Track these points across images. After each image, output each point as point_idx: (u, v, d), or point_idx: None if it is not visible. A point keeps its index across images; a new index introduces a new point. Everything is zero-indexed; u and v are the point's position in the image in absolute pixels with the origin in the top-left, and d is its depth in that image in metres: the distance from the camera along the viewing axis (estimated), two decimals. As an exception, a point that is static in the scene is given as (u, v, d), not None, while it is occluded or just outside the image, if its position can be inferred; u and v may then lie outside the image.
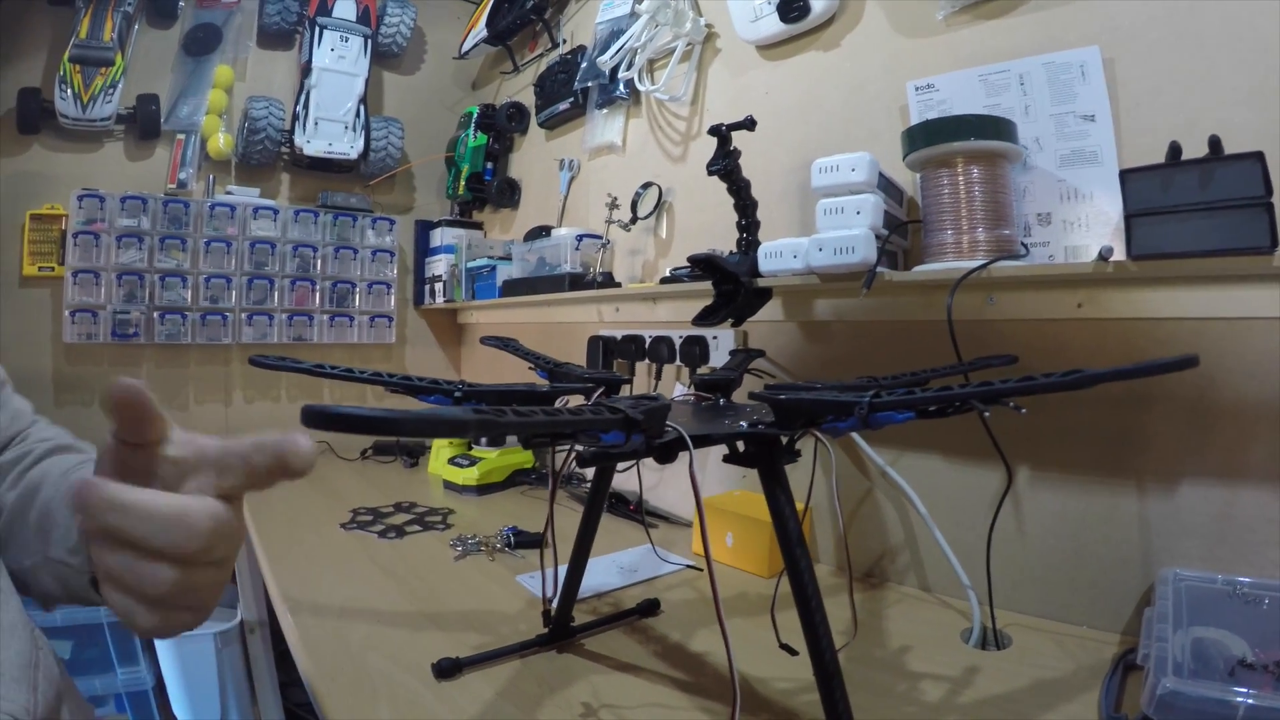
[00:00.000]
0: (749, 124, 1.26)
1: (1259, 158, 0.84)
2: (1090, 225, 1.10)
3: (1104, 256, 0.96)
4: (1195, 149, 0.89)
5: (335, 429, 0.30)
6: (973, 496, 1.18)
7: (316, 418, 0.30)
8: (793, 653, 0.87)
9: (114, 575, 0.47)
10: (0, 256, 2.19)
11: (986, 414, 0.54)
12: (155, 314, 2.32)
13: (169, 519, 0.45)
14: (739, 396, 1.10)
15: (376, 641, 1.05)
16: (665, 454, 0.63)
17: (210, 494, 0.48)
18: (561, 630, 1.05)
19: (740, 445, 0.77)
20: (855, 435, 1.28)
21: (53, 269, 2.22)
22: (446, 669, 0.94)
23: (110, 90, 2.21)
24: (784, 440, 0.73)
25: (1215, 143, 0.87)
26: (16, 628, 0.58)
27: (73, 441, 0.79)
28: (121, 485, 0.46)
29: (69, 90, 2.17)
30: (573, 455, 0.65)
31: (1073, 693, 0.90)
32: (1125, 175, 0.94)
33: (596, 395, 0.92)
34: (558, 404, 0.82)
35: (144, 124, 2.32)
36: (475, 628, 1.10)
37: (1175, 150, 0.90)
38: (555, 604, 1.03)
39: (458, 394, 0.76)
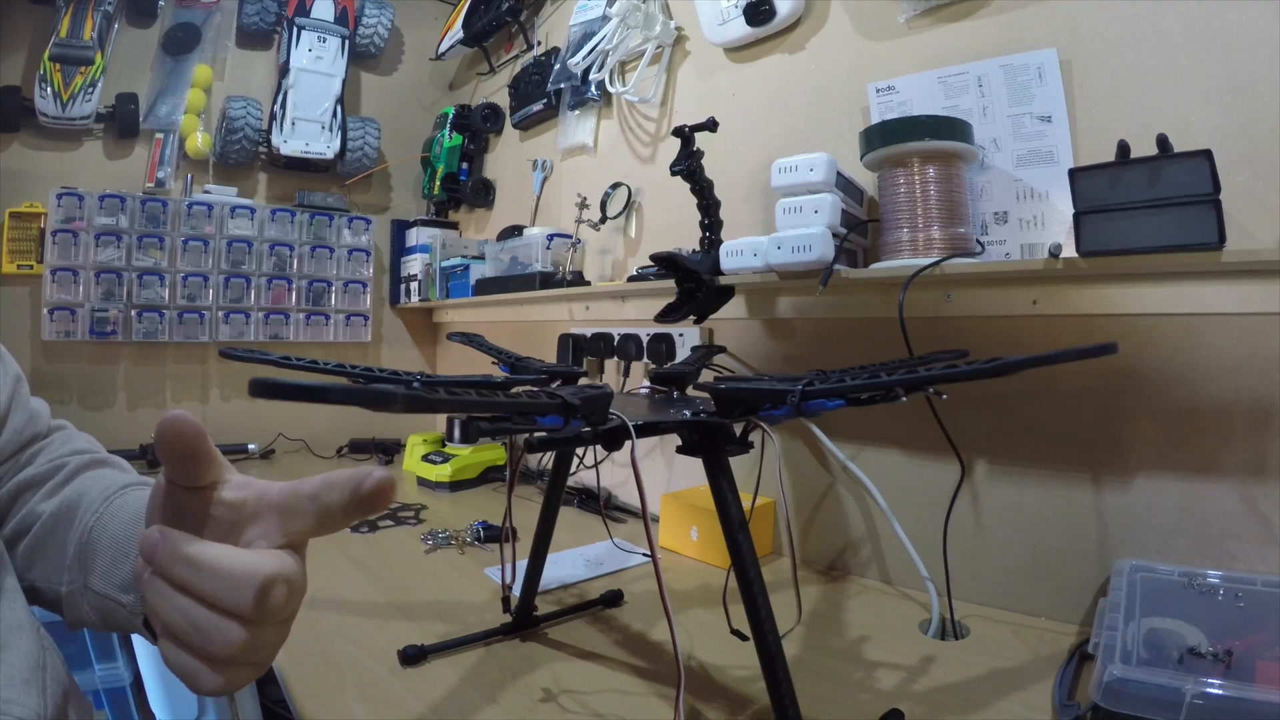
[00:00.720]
0: (711, 125, 1.28)
1: (1207, 155, 0.86)
2: (1046, 224, 1.13)
3: (1054, 254, 0.98)
4: (1150, 149, 0.91)
5: (278, 397, 0.32)
6: (933, 490, 1.20)
7: (263, 387, 0.33)
8: (743, 638, 0.89)
9: (177, 632, 0.44)
10: (-22, 254, 2.18)
11: (904, 399, 0.56)
12: (133, 312, 2.31)
13: (243, 578, 0.43)
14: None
15: (345, 630, 1.07)
16: (610, 441, 0.65)
17: (277, 541, 0.46)
18: (525, 620, 1.07)
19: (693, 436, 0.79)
20: (816, 429, 1.30)
21: (31, 267, 2.21)
22: (412, 656, 0.96)
23: (90, 89, 2.21)
24: (734, 430, 0.75)
25: (1163, 141, 0.89)
26: (24, 628, 0.57)
27: (106, 455, 0.76)
28: (192, 539, 0.44)
29: (49, 89, 2.16)
30: (537, 457, 0.67)
31: (1027, 681, 0.92)
32: (1074, 173, 0.96)
33: (554, 386, 0.94)
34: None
35: (123, 123, 2.32)
36: (442, 618, 1.12)
37: (1124, 149, 0.92)
38: (518, 593, 1.05)
39: (415, 384, 0.78)
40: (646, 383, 1.55)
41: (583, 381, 0.96)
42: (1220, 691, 0.67)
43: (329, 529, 0.46)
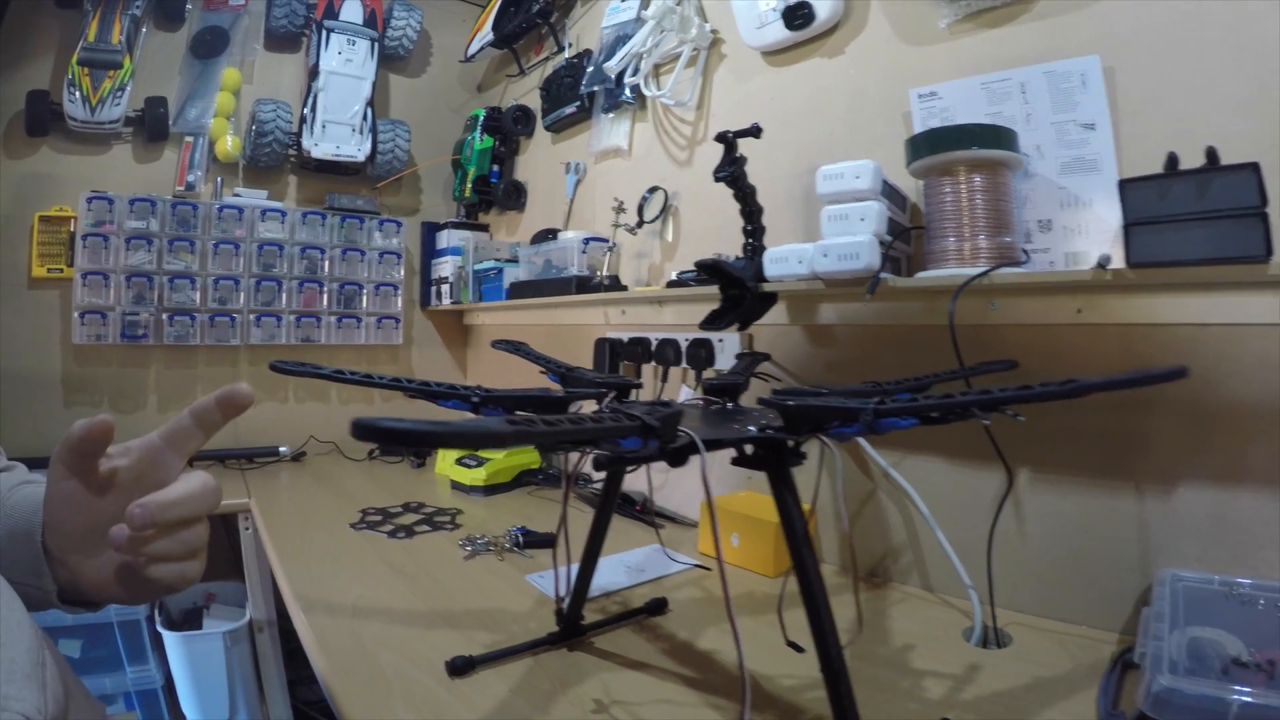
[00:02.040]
0: (755, 131, 1.27)
1: (1254, 168, 0.85)
2: (1090, 231, 1.12)
3: (1103, 265, 0.97)
4: (1193, 156, 0.91)
5: (381, 441, 0.32)
6: (974, 497, 1.19)
7: (364, 430, 0.33)
8: (799, 650, 0.89)
9: (163, 555, 0.60)
10: (9, 258, 2.21)
11: (986, 421, 0.56)
12: (164, 315, 2.34)
13: (206, 493, 0.63)
14: (745, 398, 1.12)
15: (390, 640, 1.07)
16: (677, 458, 0.65)
17: (181, 466, 0.65)
18: (572, 628, 1.07)
19: (748, 448, 0.79)
20: (859, 438, 1.30)
21: (61, 270, 2.23)
22: (460, 667, 0.96)
23: (118, 93, 2.24)
24: (791, 444, 0.75)
25: (1212, 153, 0.89)
26: (23, 625, 0.58)
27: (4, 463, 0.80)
28: (162, 492, 0.60)
29: (77, 93, 2.19)
30: (582, 459, 0.67)
31: (1072, 690, 0.91)
32: (1124, 185, 0.96)
33: (608, 399, 0.94)
34: (571, 409, 0.84)
35: (152, 126, 2.34)
36: (486, 626, 1.12)
37: (1173, 160, 0.92)
38: (566, 603, 1.05)
39: (475, 399, 0.78)
40: (686, 390, 1.56)
41: (642, 396, 0.96)
42: (1265, 702, 0.68)
43: (212, 431, 0.66)
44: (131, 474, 0.63)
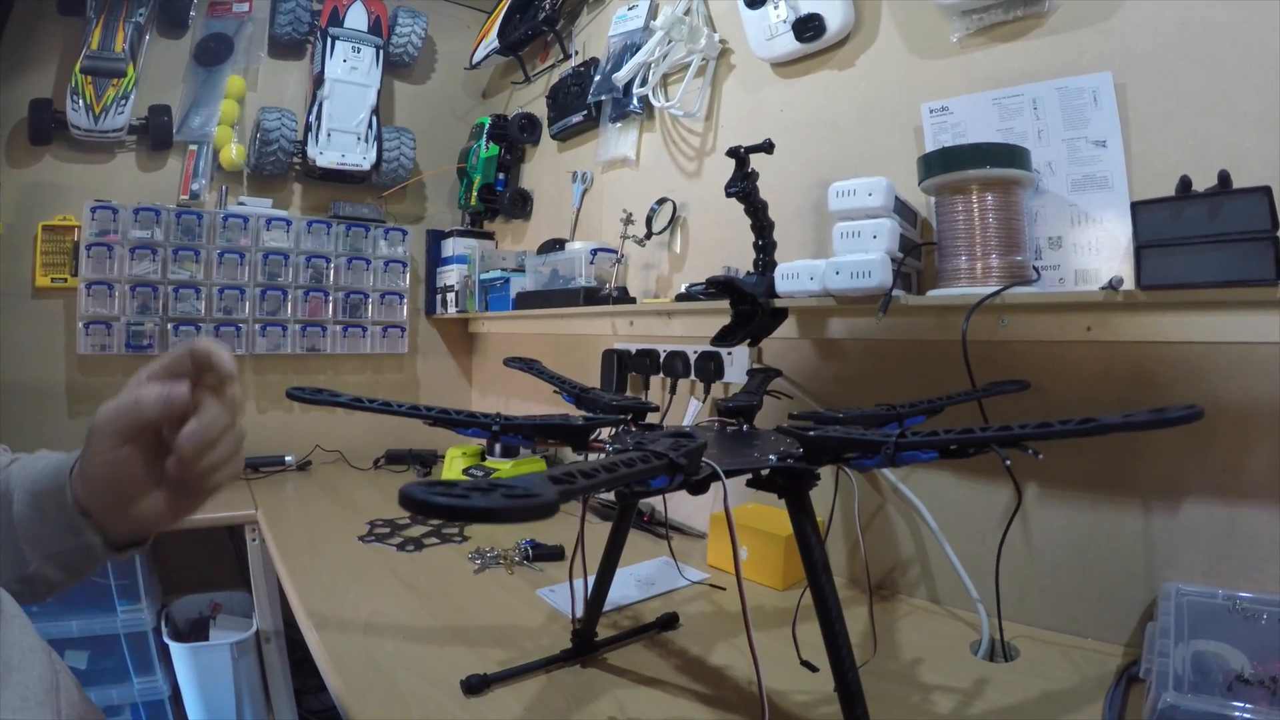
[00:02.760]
0: (768, 147, 1.27)
1: (1266, 192, 0.86)
2: (1100, 249, 1.12)
3: (1114, 286, 0.98)
4: (1205, 173, 0.91)
5: (436, 517, 0.32)
6: (981, 511, 1.20)
7: (414, 504, 0.33)
8: (813, 669, 0.90)
9: (216, 463, 0.64)
10: (13, 268, 2.20)
11: (1008, 462, 0.57)
12: (169, 325, 2.33)
13: (229, 403, 0.66)
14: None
15: (404, 658, 1.07)
16: (699, 487, 0.66)
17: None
18: (585, 645, 1.07)
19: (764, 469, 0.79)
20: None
21: (65, 280, 2.23)
22: (475, 685, 0.96)
23: (122, 101, 2.23)
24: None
25: (1225, 177, 0.89)
26: (36, 650, 0.59)
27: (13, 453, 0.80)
28: (196, 417, 0.63)
29: (81, 101, 2.18)
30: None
31: (1078, 704, 0.92)
32: (1136, 207, 0.96)
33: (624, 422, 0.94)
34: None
35: (156, 135, 2.33)
36: (500, 643, 1.12)
37: (1185, 183, 0.92)
38: (580, 621, 1.06)
39: (495, 428, 0.78)
40: (695, 404, 1.56)
41: (663, 420, 0.97)
42: (1268, 719, 0.70)
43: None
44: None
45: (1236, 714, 0.70)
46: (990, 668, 1.05)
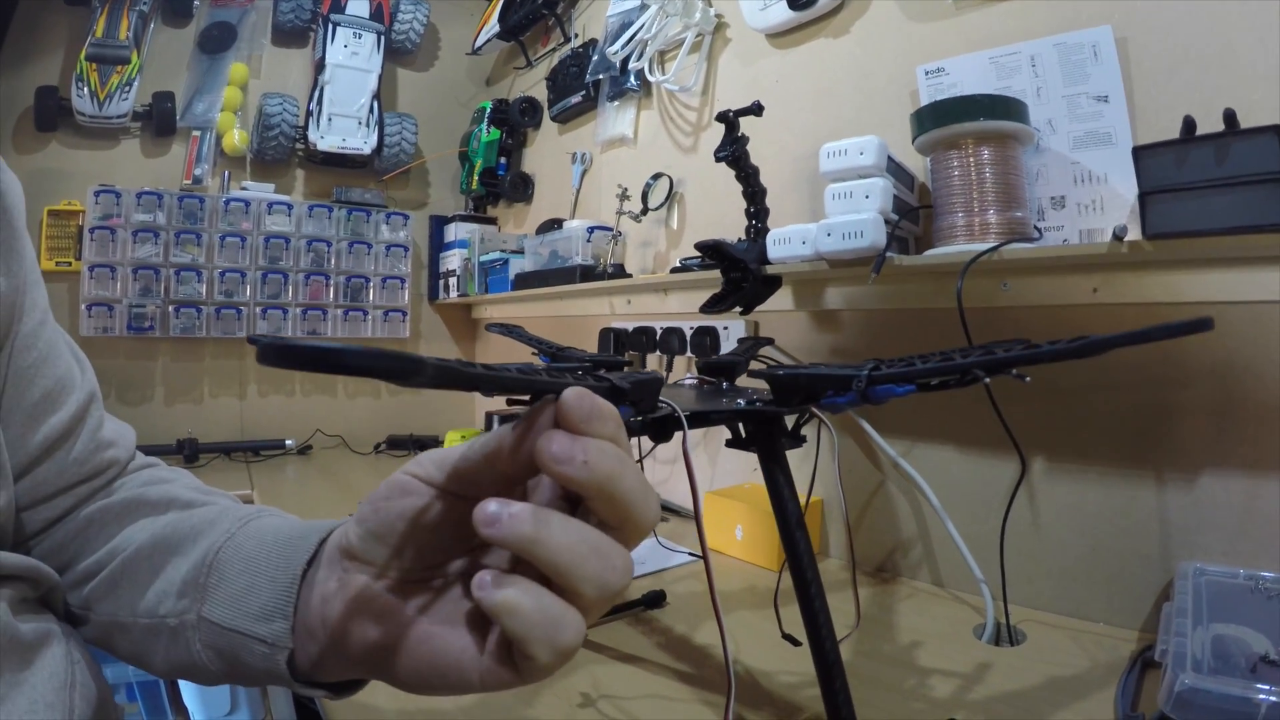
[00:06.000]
0: (756, 109, 1.24)
1: (1275, 131, 0.81)
2: (1105, 208, 1.08)
3: (1119, 236, 0.93)
4: (1211, 127, 0.86)
5: (288, 365, 0.27)
6: (987, 489, 1.15)
7: (271, 353, 0.27)
8: (795, 643, 0.85)
9: (566, 562, 0.33)
10: (19, 252, 2.20)
11: (987, 380, 0.52)
12: (170, 308, 2.33)
13: (646, 486, 0.36)
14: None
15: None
16: (659, 432, 0.61)
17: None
18: (564, 621, 1.03)
19: (742, 430, 0.75)
20: (866, 425, 1.26)
21: (70, 264, 2.24)
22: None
23: (126, 88, 2.24)
24: (786, 421, 0.71)
25: (1230, 116, 0.84)
26: (47, 644, 0.52)
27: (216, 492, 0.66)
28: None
29: (85, 88, 2.19)
30: None
31: (1088, 690, 0.87)
32: (1138, 152, 0.91)
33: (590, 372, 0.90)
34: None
35: (160, 121, 2.34)
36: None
37: (1190, 125, 0.87)
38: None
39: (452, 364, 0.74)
40: (691, 374, 1.53)
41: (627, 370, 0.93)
42: (1296, 702, 0.65)
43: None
44: None
45: (1261, 696, 0.65)
46: (994, 651, 1.00)
